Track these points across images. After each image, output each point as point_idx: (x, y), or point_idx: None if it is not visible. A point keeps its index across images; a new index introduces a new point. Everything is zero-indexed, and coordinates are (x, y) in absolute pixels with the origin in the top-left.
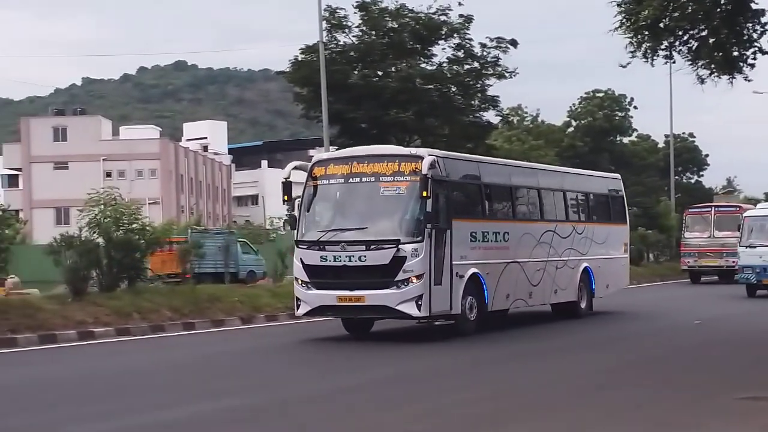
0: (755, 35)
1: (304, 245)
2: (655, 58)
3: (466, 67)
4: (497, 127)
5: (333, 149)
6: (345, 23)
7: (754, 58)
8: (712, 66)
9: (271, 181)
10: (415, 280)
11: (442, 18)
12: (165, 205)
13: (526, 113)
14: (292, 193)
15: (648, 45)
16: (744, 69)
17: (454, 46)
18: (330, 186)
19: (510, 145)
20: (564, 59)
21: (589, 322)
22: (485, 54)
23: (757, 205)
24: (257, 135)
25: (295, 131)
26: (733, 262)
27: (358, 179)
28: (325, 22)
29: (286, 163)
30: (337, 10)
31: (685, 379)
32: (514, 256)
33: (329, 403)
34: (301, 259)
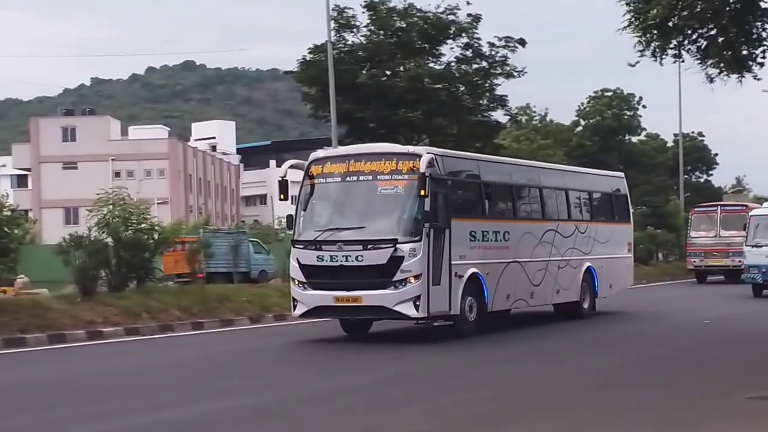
0: (764, 34)
1: (301, 245)
2: (664, 57)
3: (475, 66)
4: (506, 127)
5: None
6: (353, 23)
7: (763, 57)
8: (721, 65)
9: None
10: (412, 281)
11: (451, 17)
12: (174, 205)
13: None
14: (288, 191)
15: (657, 44)
16: (753, 68)
17: (463, 46)
18: (327, 185)
19: (518, 144)
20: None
21: (592, 322)
22: (493, 53)
23: (764, 203)
24: (265, 135)
25: (303, 131)
26: (740, 261)
27: (356, 178)
28: (333, 21)
29: None
30: (346, 10)
31: (688, 379)
32: (515, 255)
33: (330, 403)
34: (297, 258)
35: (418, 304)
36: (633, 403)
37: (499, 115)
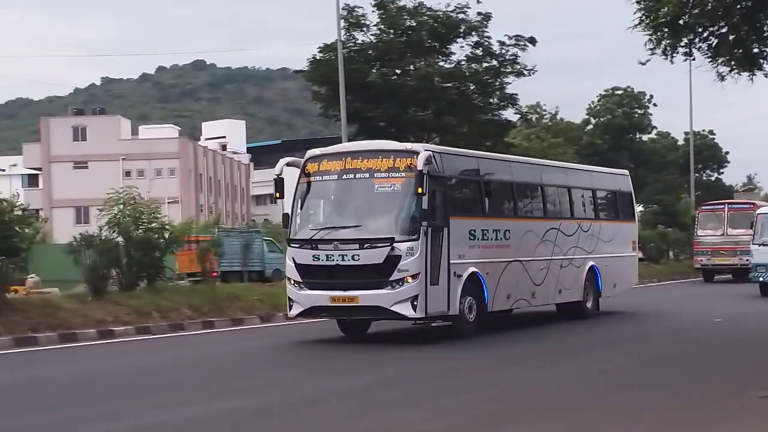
0: None
1: (296, 244)
2: (674, 55)
3: (485, 65)
4: (516, 126)
5: None
6: (363, 22)
7: None
8: (732, 63)
9: (289, 179)
10: (410, 280)
11: (461, 16)
12: (184, 204)
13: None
14: (284, 189)
15: (667, 42)
16: (764, 65)
17: (473, 44)
18: (323, 182)
19: (529, 143)
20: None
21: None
22: (504, 52)
23: None
24: (275, 134)
25: (313, 130)
26: (747, 260)
27: (352, 175)
28: (343, 20)
29: None
30: (356, 9)
31: (697, 378)
32: (516, 254)
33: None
34: (293, 258)
35: (415, 304)
36: (640, 402)
37: (509, 114)
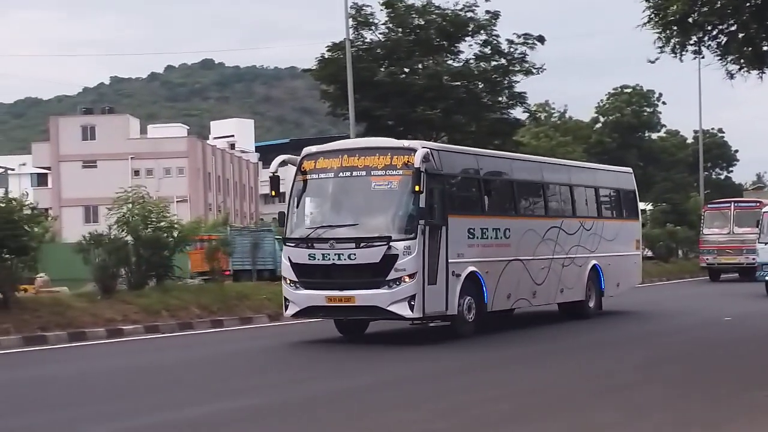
0: None
1: (292, 243)
2: (683, 53)
3: (493, 63)
4: (524, 124)
5: None
6: (371, 20)
7: None
8: (742, 61)
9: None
10: (407, 280)
11: (469, 14)
12: (193, 202)
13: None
14: (279, 187)
15: (677, 40)
16: None
17: (481, 43)
18: (319, 180)
19: (537, 141)
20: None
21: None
22: (512, 50)
23: None
24: (284, 133)
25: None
26: (753, 259)
27: (349, 173)
28: (351, 19)
29: None
30: (364, 8)
31: (704, 377)
32: (516, 253)
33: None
34: (289, 257)
35: (413, 304)
36: (647, 402)
37: (518, 113)
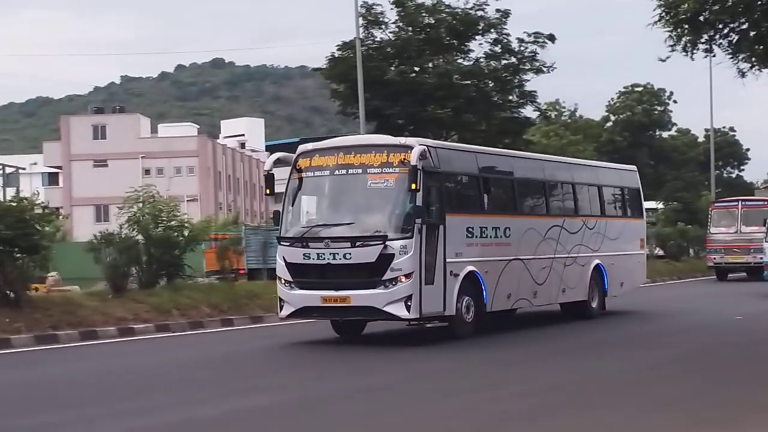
0: None
1: (287, 242)
2: (695, 51)
3: (504, 62)
4: (535, 123)
5: None
6: (381, 19)
7: None
8: (753, 59)
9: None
10: (403, 279)
11: (479, 13)
12: (203, 202)
13: (564, 108)
14: (274, 186)
15: (688, 39)
16: None
17: (492, 42)
18: (315, 179)
19: (548, 140)
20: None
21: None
22: (523, 49)
23: None
24: (294, 132)
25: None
26: (761, 258)
27: (344, 171)
28: (361, 18)
29: None
30: (374, 6)
31: (717, 375)
32: (517, 253)
33: (353, 401)
34: (283, 257)
35: (409, 304)
36: (660, 400)
37: (528, 111)
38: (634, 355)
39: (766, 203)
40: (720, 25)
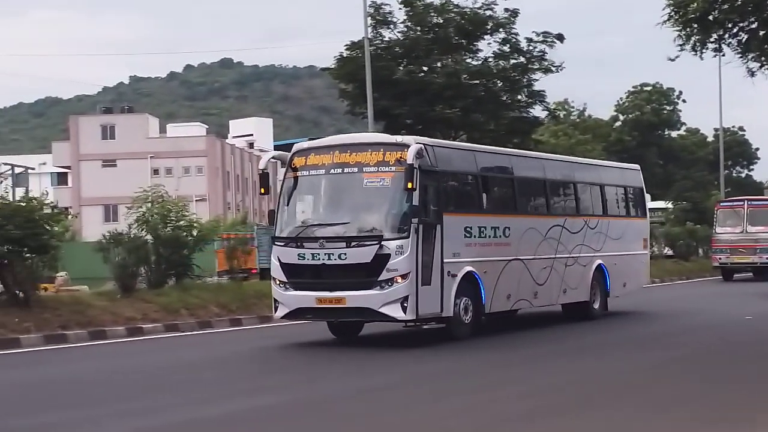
0: None
1: (281, 242)
2: (704, 51)
3: (512, 61)
4: (543, 123)
5: None
6: (390, 19)
7: None
8: (762, 58)
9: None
10: (399, 280)
11: (488, 13)
12: (212, 201)
13: (573, 108)
14: (269, 184)
15: (697, 38)
16: None
17: (500, 41)
18: (310, 178)
19: (556, 140)
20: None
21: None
22: (531, 48)
23: None
24: (303, 132)
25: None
26: (767, 258)
27: (340, 170)
28: (370, 18)
29: None
30: (382, 6)
31: (725, 376)
32: (516, 253)
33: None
34: (278, 257)
35: (405, 305)
36: (665, 400)
37: (537, 111)
38: (635, 356)
39: None
40: (729, 25)
